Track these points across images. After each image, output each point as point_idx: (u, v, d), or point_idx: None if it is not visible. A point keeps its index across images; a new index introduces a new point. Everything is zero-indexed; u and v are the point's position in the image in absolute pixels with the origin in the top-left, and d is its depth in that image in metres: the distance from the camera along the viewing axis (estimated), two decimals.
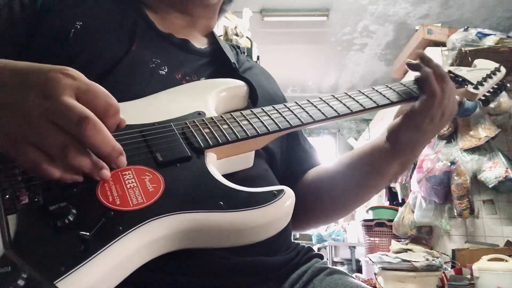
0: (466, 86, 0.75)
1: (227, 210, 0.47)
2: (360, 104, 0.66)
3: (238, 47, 0.88)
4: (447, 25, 3.77)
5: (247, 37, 2.54)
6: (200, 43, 0.81)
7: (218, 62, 0.77)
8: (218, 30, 2.52)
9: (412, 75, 0.74)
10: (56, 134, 0.39)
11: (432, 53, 3.51)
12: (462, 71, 0.78)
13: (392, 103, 0.67)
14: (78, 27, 0.67)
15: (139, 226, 0.42)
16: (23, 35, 0.66)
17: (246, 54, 2.37)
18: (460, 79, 0.76)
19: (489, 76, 0.78)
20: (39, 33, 0.66)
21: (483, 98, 0.79)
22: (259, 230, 0.49)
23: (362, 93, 0.69)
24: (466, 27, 3.27)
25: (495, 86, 0.80)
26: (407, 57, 3.87)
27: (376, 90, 0.70)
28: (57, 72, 0.42)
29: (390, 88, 0.71)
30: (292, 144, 0.84)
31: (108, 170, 0.45)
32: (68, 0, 0.72)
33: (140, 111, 0.60)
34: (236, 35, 2.40)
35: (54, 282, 0.36)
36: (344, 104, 0.65)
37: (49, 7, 0.69)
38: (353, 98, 0.67)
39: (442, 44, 3.47)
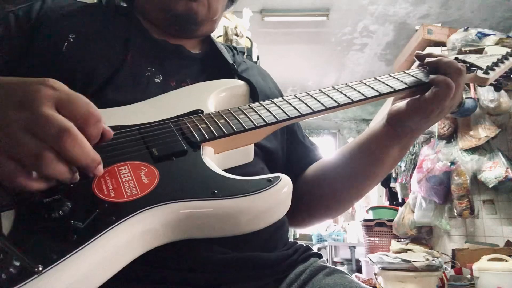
0: (475, 72, 0.73)
1: (221, 198, 0.46)
2: (362, 94, 0.64)
3: (235, 48, 0.88)
4: (447, 25, 3.77)
5: (247, 37, 2.54)
6: (195, 47, 0.81)
7: (215, 65, 0.77)
8: (218, 30, 2.52)
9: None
10: (31, 143, 0.39)
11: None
12: (472, 58, 0.76)
13: (395, 91, 0.66)
14: (71, 40, 0.67)
15: (132, 216, 0.43)
16: (19, 50, 0.66)
17: (246, 54, 2.36)
18: (468, 64, 0.75)
19: (500, 61, 0.76)
20: (33, 48, 0.66)
21: (494, 83, 0.77)
22: (255, 218, 0.48)
23: (364, 83, 0.68)
24: (466, 27, 3.27)
25: (508, 71, 0.78)
26: (407, 57, 3.87)
27: (379, 80, 0.69)
28: (37, 83, 0.42)
29: (393, 77, 0.70)
30: (292, 142, 0.84)
31: (89, 174, 0.44)
32: (61, 13, 0.72)
33: (139, 113, 0.60)
34: (236, 35, 2.40)
35: (46, 269, 0.36)
36: (344, 94, 0.64)
37: (42, 22, 0.69)
38: (354, 88, 0.66)
39: (442, 44, 3.47)
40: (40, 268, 0.36)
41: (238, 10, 2.92)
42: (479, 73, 0.74)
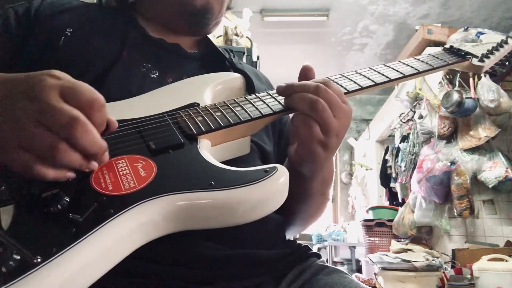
0: (470, 60, 0.74)
1: (218, 189, 0.47)
2: (358, 84, 0.65)
3: (231, 51, 0.88)
4: (447, 25, 3.78)
5: (247, 37, 2.54)
6: (191, 47, 0.81)
7: (210, 65, 0.77)
8: (218, 30, 2.52)
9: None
10: (45, 135, 0.40)
11: None
12: (467, 46, 0.77)
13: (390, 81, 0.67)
14: (68, 34, 0.68)
15: (131, 208, 0.43)
16: (18, 45, 0.67)
17: (246, 54, 2.36)
18: (463, 53, 0.75)
19: (495, 49, 0.77)
20: (31, 42, 0.67)
21: (490, 70, 0.77)
22: (252, 208, 0.48)
23: (359, 73, 0.69)
24: (466, 27, 3.27)
25: (503, 58, 0.79)
26: (407, 57, 3.87)
27: (374, 70, 0.70)
28: (42, 74, 0.43)
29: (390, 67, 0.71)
30: (284, 145, 0.83)
31: (96, 162, 0.45)
32: (59, 9, 0.73)
33: (136, 107, 0.61)
34: (236, 35, 2.40)
35: (46, 262, 0.36)
36: (340, 85, 0.65)
37: (41, 18, 0.70)
38: (350, 79, 0.67)
39: (442, 44, 3.47)
40: (40, 261, 0.36)
41: (238, 10, 2.92)
42: (474, 61, 0.74)
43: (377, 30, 4.46)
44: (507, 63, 0.79)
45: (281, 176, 0.50)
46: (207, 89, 0.67)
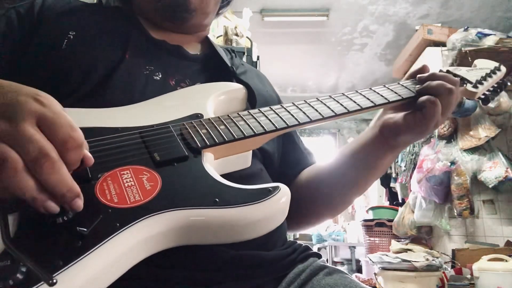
0: (465, 85, 0.75)
1: (222, 206, 0.47)
2: (357, 104, 0.66)
3: (233, 51, 0.88)
4: (447, 25, 3.77)
5: (247, 37, 2.54)
6: (193, 49, 0.81)
7: (213, 67, 0.77)
8: (218, 30, 2.52)
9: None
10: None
11: (432, 53, 3.52)
12: (462, 71, 0.78)
13: (389, 103, 0.68)
14: (71, 37, 0.68)
15: (136, 223, 0.43)
16: (20, 46, 0.67)
17: (246, 54, 2.36)
18: (458, 78, 0.76)
19: (488, 75, 0.78)
20: (33, 43, 0.67)
21: (482, 96, 0.79)
22: (255, 226, 0.49)
23: (359, 93, 0.69)
24: (466, 27, 3.27)
25: (495, 85, 0.80)
26: (407, 57, 3.87)
27: (374, 90, 0.70)
28: (28, 95, 0.41)
29: (388, 88, 0.71)
30: (288, 145, 0.84)
31: (54, 203, 0.40)
32: (61, 11, 0.72)
33: (139, 115, 0.60)
34: (236, 35, 2.40)
35: (53, 275, 0.36)
36: (341, 104, 0.66)
37: (43, 18, 0.70)
38: (350, 98, 0.67)
39: (442, 44, 3.47)
40: (49, 277, 0.36)
41: (238, 10, 2.92)
42: (469, 86, 0.75)
43: (377, 30, 4.46)
44: (498, 90, 0.80)
45: (283, 196, 0.51)
46: (210, 99, 0.67)
